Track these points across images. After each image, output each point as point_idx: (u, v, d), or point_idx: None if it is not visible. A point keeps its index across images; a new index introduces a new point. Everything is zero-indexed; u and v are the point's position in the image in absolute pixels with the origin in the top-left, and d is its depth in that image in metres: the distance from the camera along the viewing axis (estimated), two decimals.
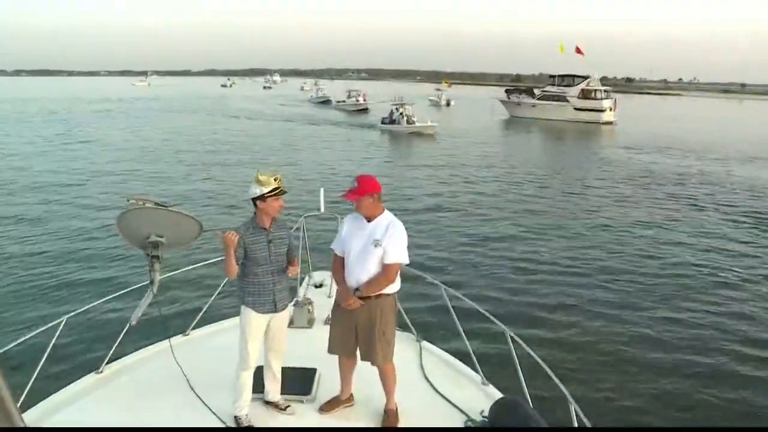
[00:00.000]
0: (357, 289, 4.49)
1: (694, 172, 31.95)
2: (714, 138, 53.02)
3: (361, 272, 4.51)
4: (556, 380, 4.59)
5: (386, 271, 4.48)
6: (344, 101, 79.35)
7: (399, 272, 4.59)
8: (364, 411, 4.88)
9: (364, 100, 77.26)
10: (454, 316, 5.87)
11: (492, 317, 5.61)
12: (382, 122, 51.58)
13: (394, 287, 4.62)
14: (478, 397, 5.09)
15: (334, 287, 5.07)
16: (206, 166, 29.85)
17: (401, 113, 50.41)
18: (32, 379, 4.82)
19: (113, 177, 26.32)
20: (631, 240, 17.50)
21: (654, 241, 17.51)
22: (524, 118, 68.87)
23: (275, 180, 4.49)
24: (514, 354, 5.09)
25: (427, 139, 45.17)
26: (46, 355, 5.02)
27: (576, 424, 4.18)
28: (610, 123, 65.46)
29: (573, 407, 4.25)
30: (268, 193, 4.46)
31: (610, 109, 67.31)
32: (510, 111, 74.08)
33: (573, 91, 68.79)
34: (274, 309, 4.64)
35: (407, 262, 4.58)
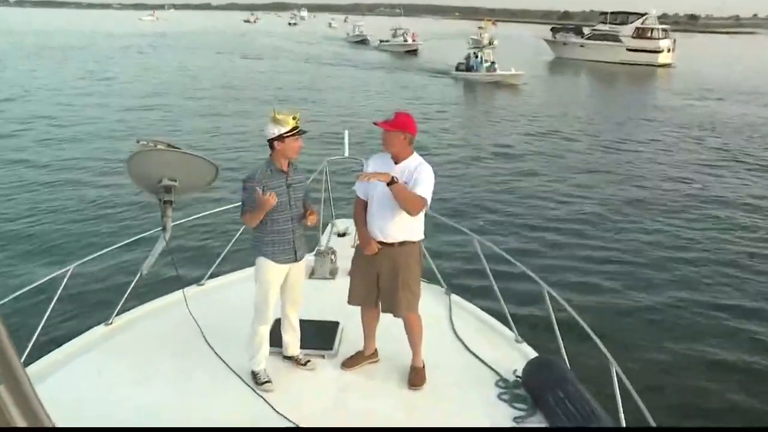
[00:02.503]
0: (393, 179, 4.31)
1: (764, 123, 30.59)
2: None
3: (384, 218, 4.51)
4: (597, 340, 4.58)
5: (415, 198, 4.43)
6: (388, 41, 74.85)
7: (423, 219, 4.60)
8: (388, 368, 4.94)
9: (414, 39, 72.17)
10: (488, 270, 5.87)
11: (529, 272, 5.60)
12: (457, 68, 47.17)
13: (419, 234, 4.63)
14: (512, 355, 5.12)
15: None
16: (220, 108, 29.85)
17: (481, 58, 45.33)
18: (37, 332, 4.92)
19: (118, 117, 26.42)
20: (692, 200, 16.80)
21: (720, 202, 16.73)
22: (571, 60, 67.15)
23: (294, 119, 4.47)
24: (552, 312, 5.09)
25: (509, 90, 41.11)
26: (51, 305, 5.13)
27: (617, 388, 4.19)
28: (667, 66, 63.61)
29: (614, 369, 4.25)
30: (287, 132, 4.45)
31: (668, 50, 65.27)
32: (555, 51, 72.34)
33: (626, 30, 66.76)
34: (294, 258, 4.69)
35: (429, 203, 4.52)
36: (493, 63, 45.18)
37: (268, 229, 4.59)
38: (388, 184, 4.32)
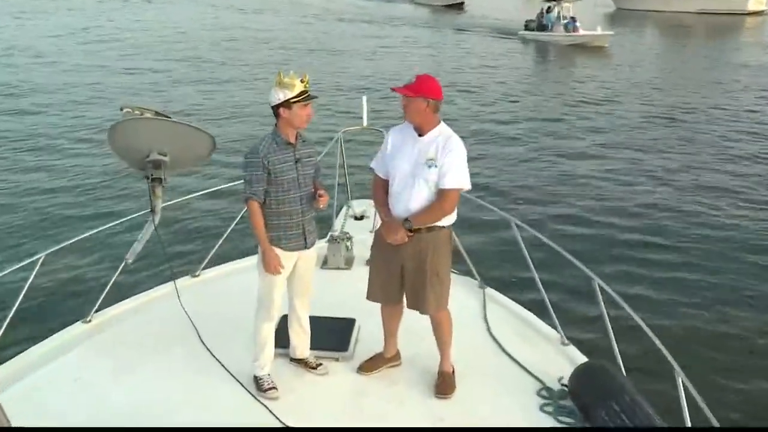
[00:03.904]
0: (407, 220, 4.46)
1: None
2: None
3: (410, 199, 4.48)
4: (658, 342, 4.54)
5: (443, 199, 4.45)
6: None
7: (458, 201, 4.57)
8: (412, 373, 4.94)
9: None
10: (528, 259, 5.84)
11: (577, 262, 5.56)
12: (527, 27, 43.40)
13: (450, 219, 4.61)
14: (556, 359, 5.11)
15: (378, 219, 5.08)
16: (217, 72, 29.79)
17: (558, 14, 41.90)
18: (1, 330, 4.95)
19: (98, 80, 26.41)
20: None
21: None
22: (635, 11, 65.67)
23: (302, 82, 4.45)
24: (604, 309, 5.05)
25: (593, 54, 37.98)
26: (18, 300, 5.14)
27: (683, 400, 4.16)
28: (759, 13, 61.92)
29: (680, 378, 4.22)
30: (294, 97, 4.43)
31: None
32: (616, 2, 71.23)
33: None
34: (304, 245, 4.69)
35: (469, 187, 4.54)
36: (573, 20, 41.19)
37: (273, 212, 4.58)
38: (409, 231, 4.43)
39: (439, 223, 4.55)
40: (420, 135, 4.53)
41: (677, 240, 12.59)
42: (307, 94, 4.46)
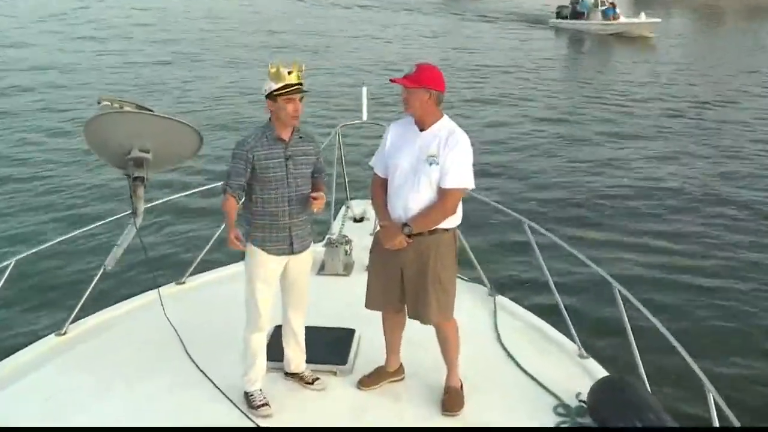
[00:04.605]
0: (405, 224, 4.45)
1: None
2: None
3: (409, 199, 4.46)
4: (686, 355, 4.52)
5: (444, 199, 4.43)
6: None
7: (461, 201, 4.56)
8: (417, 388, 4.92)
9: None
10: (542, 264, 5.83)
11: (595, 267, 5.55)
12: (559, 14, 42.53)
13: (454, 220, 4.58)
14: (574, 373, 5.09)
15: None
16: (203, 59, 29.73)
17: (594, 0, 40.67)
18: None
19: (73, 66, 26.36)
20: None
21: None
22: None
23: (290, 73, 4.42)
24: (625, 318, 5.03)
25: (636, 46, 36.93)
26: None
27: (716, 419, 4.14)
28: None
29: (711, 395, 4.19)
30: (278, 90, 4.41)
31: None
32: None
33: None
34: (291, 250, 4.66)
35: (472, 186, 4.52)
36: (613, 6, 40.54)
37: (258, 210, 4.57)
38: (408, 236, 4.42)
39: (442, 225, 4.52)
40: (421, 129, 4.51)
41: (706, 245, 12.54)
42: (293, 87, 4.43)
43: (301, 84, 4.43)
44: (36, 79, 24.20)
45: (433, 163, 4.39)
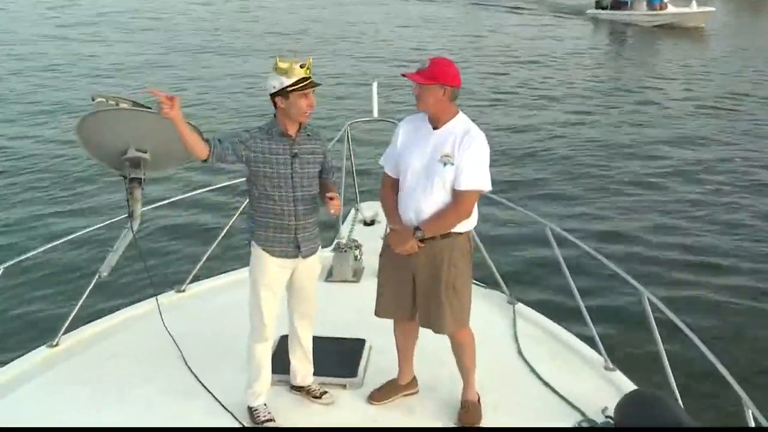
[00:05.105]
0: (417, 228, 4.42)
1: None
2: None
3: (421, 201, 4.44)
4: (721, 367, 4.49)
5: (459, 202, 4.41)
6: None
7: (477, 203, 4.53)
8: (431, 402, 4.91)
9: None
10: (565, 270, 5.81)
11: (623, 273, 5.52)
12: (598, 5, 41.04)
13: (469, 223, 4.56)
14: (600, 387, 5.07)
15: None
16: (203, 54, 29.78)
17: None
18: None
19: (67, 61, 26.40)
20: None
21: None
22: None
23: (302, 67, 4.43)
24: (655, 328, 5.00)
25: (685, 38, 35.54)
26: None
27: None
28: None
29: (750, 411, 4.16)
30: (292, 85, 4.42)
31: None
32: None
33: None
34: (297, 253, 4.65)
35: (489, 188, 4.49)
36: None
37: (261, 207, 4.55)
38: (420, 240, 4.39)
39: (456, 229, 4.49)
40: (435, 127, 4.48)
41: (743, 256, 12.48)
42: (307, 81, 4.44)
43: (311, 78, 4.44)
44: (25, 79, 24.12)
45: (447, 164, 4.36)
